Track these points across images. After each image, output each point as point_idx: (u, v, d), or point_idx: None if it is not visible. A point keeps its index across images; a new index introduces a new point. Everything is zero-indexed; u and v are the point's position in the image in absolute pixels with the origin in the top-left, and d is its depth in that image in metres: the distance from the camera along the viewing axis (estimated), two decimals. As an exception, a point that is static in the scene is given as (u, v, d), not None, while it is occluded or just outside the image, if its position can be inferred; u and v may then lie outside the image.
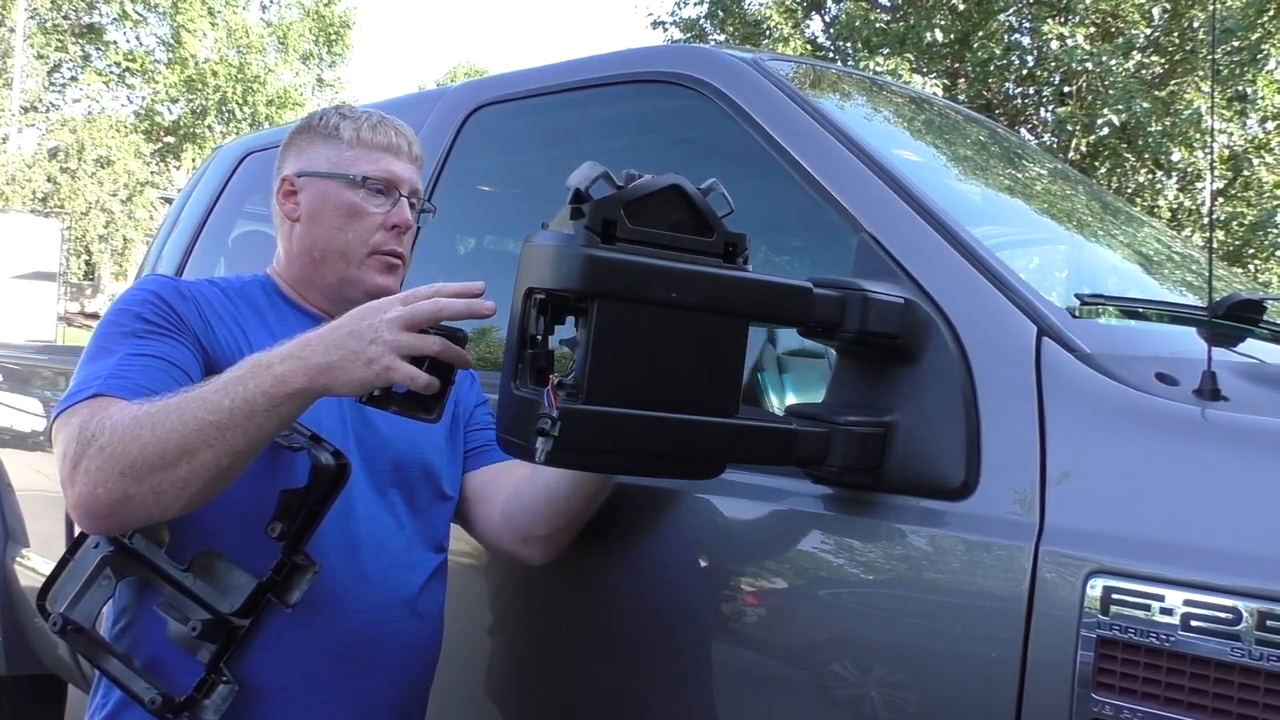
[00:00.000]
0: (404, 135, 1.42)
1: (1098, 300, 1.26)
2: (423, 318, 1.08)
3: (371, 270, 1.37)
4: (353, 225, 1.36)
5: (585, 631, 1.47)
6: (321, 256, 1.38)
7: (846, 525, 1.18)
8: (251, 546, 1.20)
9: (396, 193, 1.38)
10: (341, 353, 1.07)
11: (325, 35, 24.63)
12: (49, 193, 20.27)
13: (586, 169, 1.00)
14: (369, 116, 1.42)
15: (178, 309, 1.27)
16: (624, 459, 1.03)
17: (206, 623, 1.18)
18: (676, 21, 14.58)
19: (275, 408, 1.08)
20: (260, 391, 1.07)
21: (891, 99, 2.00)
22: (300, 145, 1.43)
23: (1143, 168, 11.50)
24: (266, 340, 1.28)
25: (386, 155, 1.39)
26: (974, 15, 12.01)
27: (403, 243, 1.39)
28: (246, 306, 1.36)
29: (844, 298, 1.12)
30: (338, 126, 1.40)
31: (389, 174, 1.38)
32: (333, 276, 1.38)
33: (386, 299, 1.12)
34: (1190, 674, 0.90)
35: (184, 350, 1.24)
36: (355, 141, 1.39)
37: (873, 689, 1.12)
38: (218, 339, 1.29)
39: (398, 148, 1.40)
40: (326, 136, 1.40)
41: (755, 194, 1.51)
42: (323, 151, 1.40)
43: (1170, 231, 2.41)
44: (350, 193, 1.37)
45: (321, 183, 1.38)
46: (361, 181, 1.36)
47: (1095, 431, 1.05)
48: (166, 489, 1.08)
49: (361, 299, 1.33)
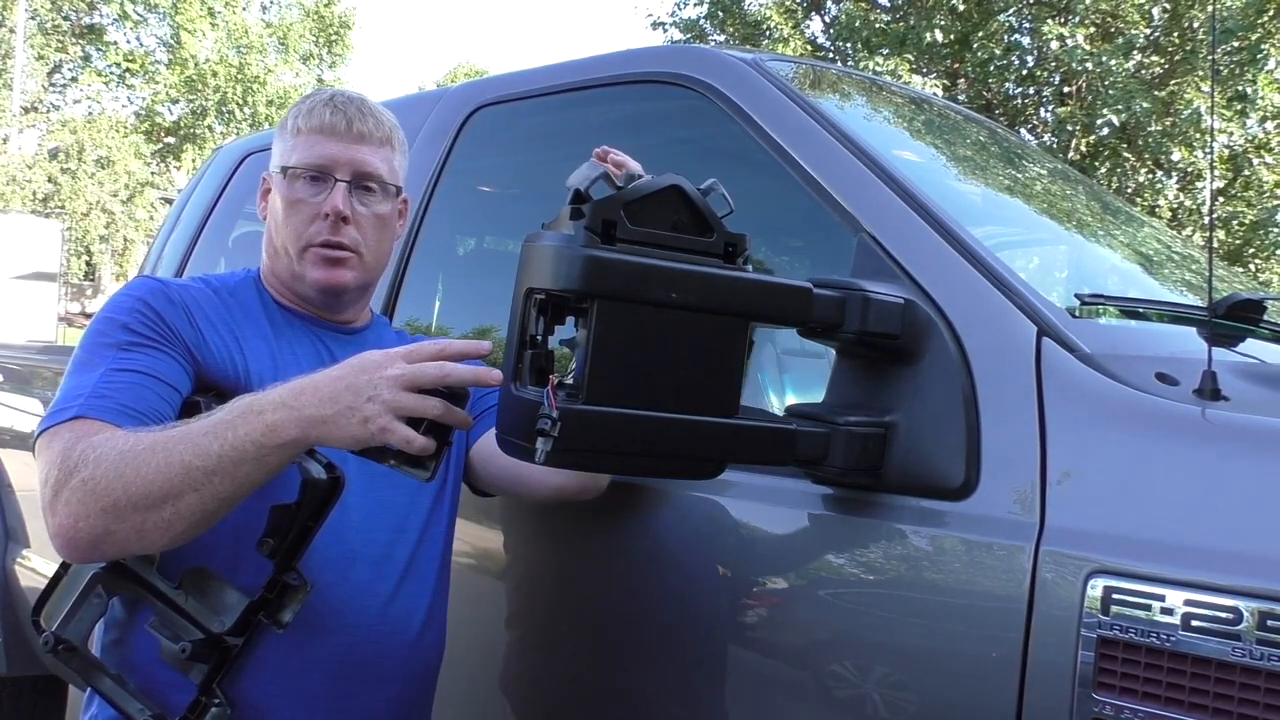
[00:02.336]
0: (343, 112, 1.32)
1: (1098, 300, 1.26)
2: (425, 382, 1.04)
3: (310, 265, 1.30)
4: (292, 219, 1.31)
5: (585, 631, 1.47)
6: (275, 252, 1.34)
7: (847, 525, 1.18)
8: (244, 562, 1.17)
9: (331, 178, 1.30)
10: (337, 407, 1.03)
11: (325, 36, 24.63)
12: (49, 193, 20.27)
13: (586, 169, 1.00)
14: (314, 99, 1.35)
15: (166, 317, 1.23)
16: (624, 459, 1.03)
17: (198, 643, 1.15)
18: (676, 22, 14.58)
19: (264, 457, 1.05)
20: (250, 440, 1.04)
21: (891, 99, 2.00)
22: (275, 143, 1.40)
23: (1143, 168, 11.50)
24: (261, 346, 1.28)
25: (319, 138, 1.30)
26: (974, 15, 12.01)
27: (343, 233, 1.30)
28: (239, 308, 1.32)
29: (844, 298, 1.12)
30: (287, 120, 1.36)
31: (321, 158, 1.30)
32: (286, 273, 1.33)
33: (390, 353, 1.06)
34: (1191, 674, 0.90)
35: (171, 362, 1.20)
36: (295, 130, 1.33)
37: (873, 689, 1.12)
38: (209, 346, 1.25)
39: (332, 128, 1.31)
40: (281, 130, 1.36)
41: (755, 194, 1.51)
42: (278, 146, 1.36)
43: (1170, 231, 2.41)
44: (286, 185, 1.31)
45: (274, 179, 1.35)
46: (284, 172, 1.31)
47: (1095, 431, 1.05)
48: (150, 529, 1.05)
49: (314, 296, 1.34)
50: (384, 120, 1.35)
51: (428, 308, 2.10)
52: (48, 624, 1.22)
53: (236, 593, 1.17)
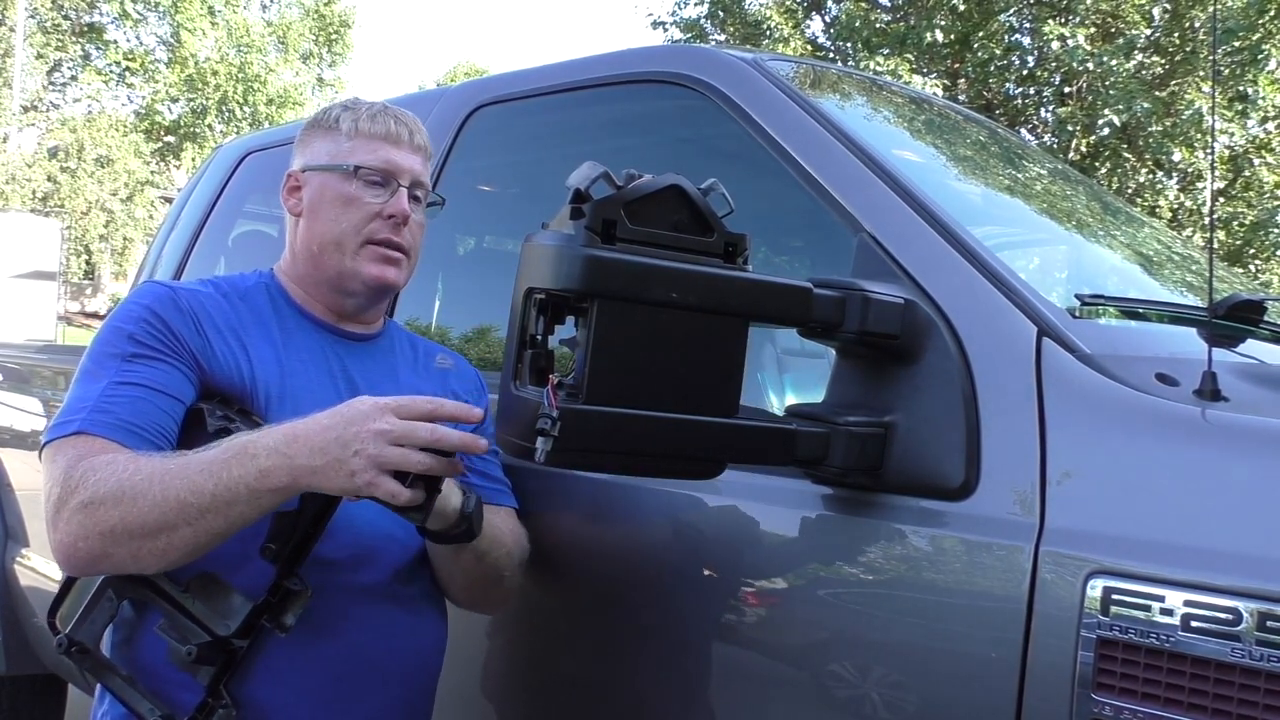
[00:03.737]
0: (405, 124, 1.39)
1: (1098, 300, 1.26)
2: (413, 443, 1.05)
3: (366, 261, 1.33)
4: (347, 215, 1.33)
5: (585, 631, 1.47)
6: (320, 249, 1.34)
7: (846, 525, 1.18)
8: (250, 565, 1.18)
9: (395, 183, 1.35)
10: (325, 459, 1.05)
11: (325, 35, 24.62)
12: (49, 192, 20.26)
13: (587, 169, 1.00)
14: (370, 106, 1.40)
15: (173, 326, 1.24)
16: (624, 459, 1.03)
17: (204, 645, 1.17)
18: (677, 21, 14.58)
19: (256, 499, 1.07)
20: (243, 484, 1.06)
21: (891, 99, 2.00)
22: (306, 140, 1.41)
23: (1143, 168, 11.49)
24: (268, 354, 1.29)
25: (384, 144, 1.35)
26: (974, 15, 12.01)
27: (403, 235, 1.35)
28: (249, 313, 1.33)
29: (844, 298, 1.12)
30: (338, 119, 1.38)
31: (386, 163, 1.35)
32: (331, 269, 1.34)
33: (380, 404, 1.06)
34: (1190, 674, 0.90)
35: (175, 373, 1.22)
36: (354, 132, 1.36)
37: (873, 689, 1.12)
38: (215, 355, 1.26)
39: (397, 136, 1.37)
40: (328, 129, 1.38)
41: (755, 194, 1.51)
42: (324, 145, 1.37)
43: (1170, 232, 2.41)
44: (345, 183, 1.33)
45: (321, 175, 1.36)
46: (355, 171, 1.33)
47: (1095, 432, 1.05)
48: (145, 555, 1.09)
49: (361, 291, 1.34)
50: (426, 135, 1.42)
51: (428, 307, 2.10)
52: (62, 625, 1.24)
53: (241, 597, 1.19)
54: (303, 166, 1.39)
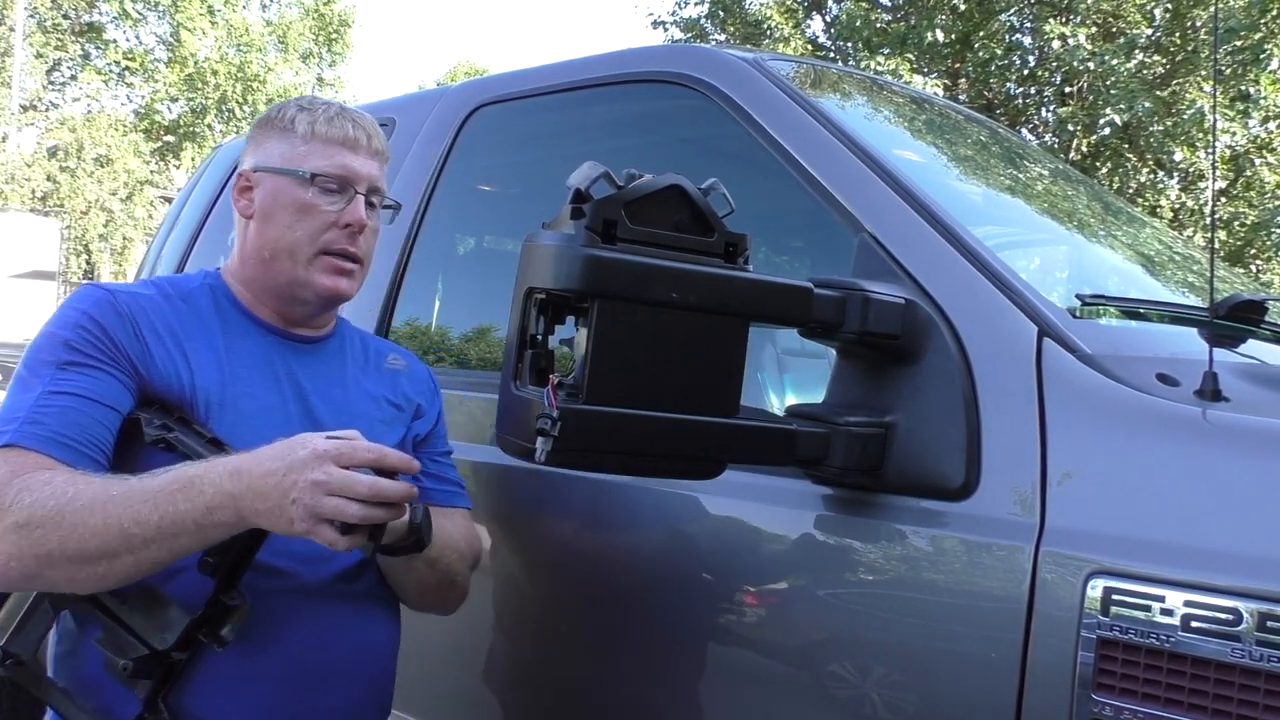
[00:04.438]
0: (363, 128, 1.34)
1: (1099, 301, 1.26)
2: (352, 495, 1.03)
3: (320, 271, 1.30)
4: (302, 223, 1.29)
5: (585, 632, 1.47)
6: (271, 255, 1.30)
7: (846, 526, 1.18)
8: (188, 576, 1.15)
9: (351, 190, 1.31)
10: (267, 504, 1.04)
11: (325, 34, 24.60)
12: (48, 192, 20.25)
13: (587, 169, 1.00)
14: (327, 108, 1.35)
15: (111, 332, 1.20)
16: (624, 459, 1.03)
17: (141, 659, 1.14)
18: (677, 21, 14.57)
19: (202, 532, 1.06)
20: (190, 518, 1.05)
21: (892, 99, 2.00)
22: (258, 139, 1.36)
23: (1144, 168, 11.48)
24: (209, 359, 1.25)
25: (342, 150, 1.31)
26: (975, 15, 11.99)
27: (358, 243, 1.32)
28: (191, 316, 1.28)
29: (844, 298, 1.12)
30: (293, 120, 1.33)
31: (343, 170, 1.31)
32: (283, 277, 1.31)
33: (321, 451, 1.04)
34: (1190, 675, 0.90)
35: (111, 382, 1.18)
36: (309, 135, 1.31)
37: (873, 689, 1.12)
38: (154, 362, 1.22)
39: (355, 141, 1.33)
40: (282, 130, 1.33)
41: (756, 194, 1.51)
42: (278, 146, 1.33)
43: (1171, 232, 2.41)
44: (301, 189, 1.29)
45: (274, 179, 1.31)
46: (311, 178, 1.29)
47: (1096, 432, 1.04)
48: (82, 579, 1.08)
49: (312, 301, 1.32)
50: (384, 138, 1.38)
51: (428, 307, 2.10)
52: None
53: (179, 610, 1.15)
54: (254, 166, 1.34)
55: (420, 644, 1.63)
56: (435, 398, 1.48)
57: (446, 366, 2.01)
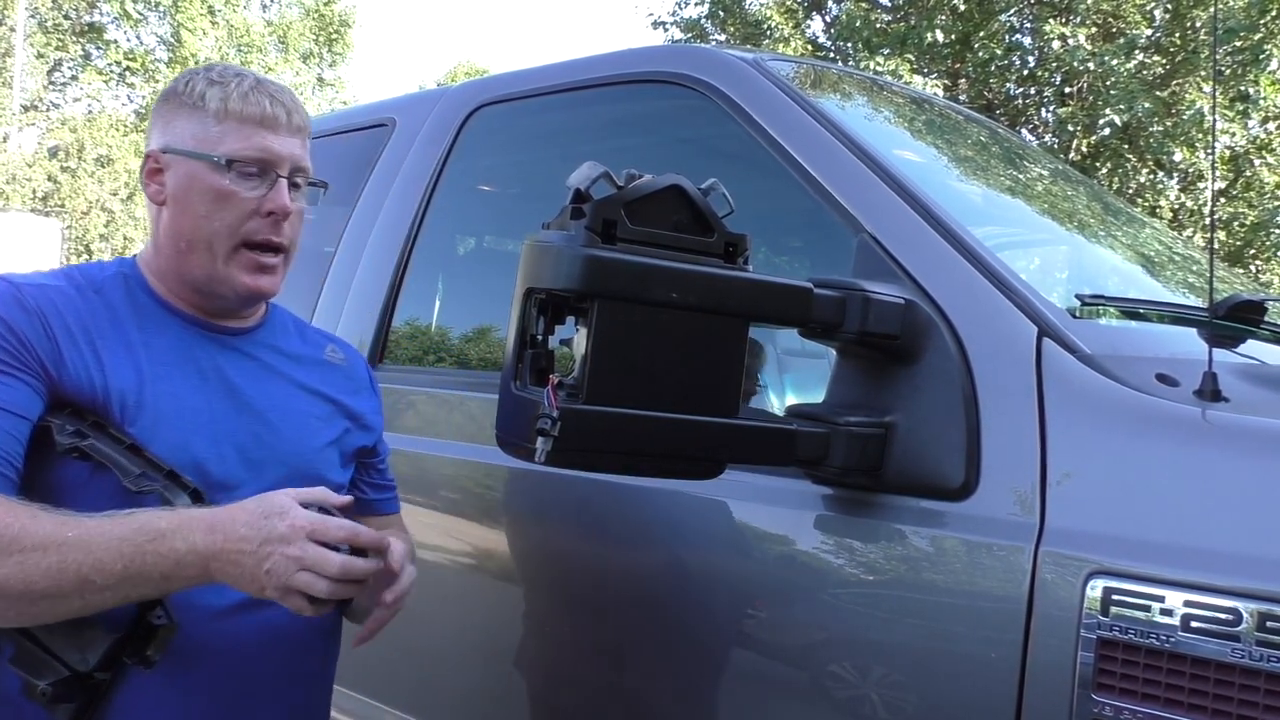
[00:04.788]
0: (281, 103, 1.22)
1: (1098, 301, 1.26)
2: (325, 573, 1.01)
3: (240, 269, 1.20)
4: (220, 212, 1.18)
5: (584, 632, 1.47)
6: (188, 247, 1.20)
7: (846, 526, 1.18)
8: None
9: (273, 173, 1.20)
10: (238, 569, 1.02)
11: (325, 34, 24.61)
12: (49, 192, 20.26)
13: (587, 169, 1.00)
14: (240, 81, 1.22)
15: (19, 331, 1.10)
16: (624, 459, 1.03)
17: (62, 682, 1.06)
18: (677, 21, 14.57)
19: (166, 583, 1.03)
20: (157, 570, 1.01)
21: (892, 99, 2.00)
22: (166, 116, 1.22)
23: (1144, 168, 11.48)
24: (123, 358, 1.16)
25: (260, 130, 1.19)
26: (975, 15, 11.99)
27: (282, 231, 1.21)
28: (105, 311, 1.18)
29: (844, 298, 1.12)
30: (204, 95, 1.20)
31: (263, 152, 1.19)
32: (199, 271, 1.20)
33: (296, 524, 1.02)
34: (1190, 675, 0.90)
35: (20, 387, 1.09)
36: (223, 114, 1.19)
37: (873, 689, 1.12)
38: (65, 365, 1.12)
39: (274, 119, 1.20)
40: (192, 107, 1.20)
41: (756, 194, 1.51)
42: (188, 125, 1.20)
43: (1171, 232, 2.41)
44: (217, 175, 1.18)
45: (187, 162, 1.19)
46: (228, 164, 1.18)
47: (1096, 432, 1.05)
48: (14, 618, 1.03)
49: (232, 298, 1.22)
50: (305, 111, 1.27)
51: (428, 307, 2.10)
52: None
53: (101, 628, 1.08)
54: (163, 147, 1.21)
55: (420, 645, 1.63)
56: (374, 397, 1.41)
57: (447, 366, 2.01)
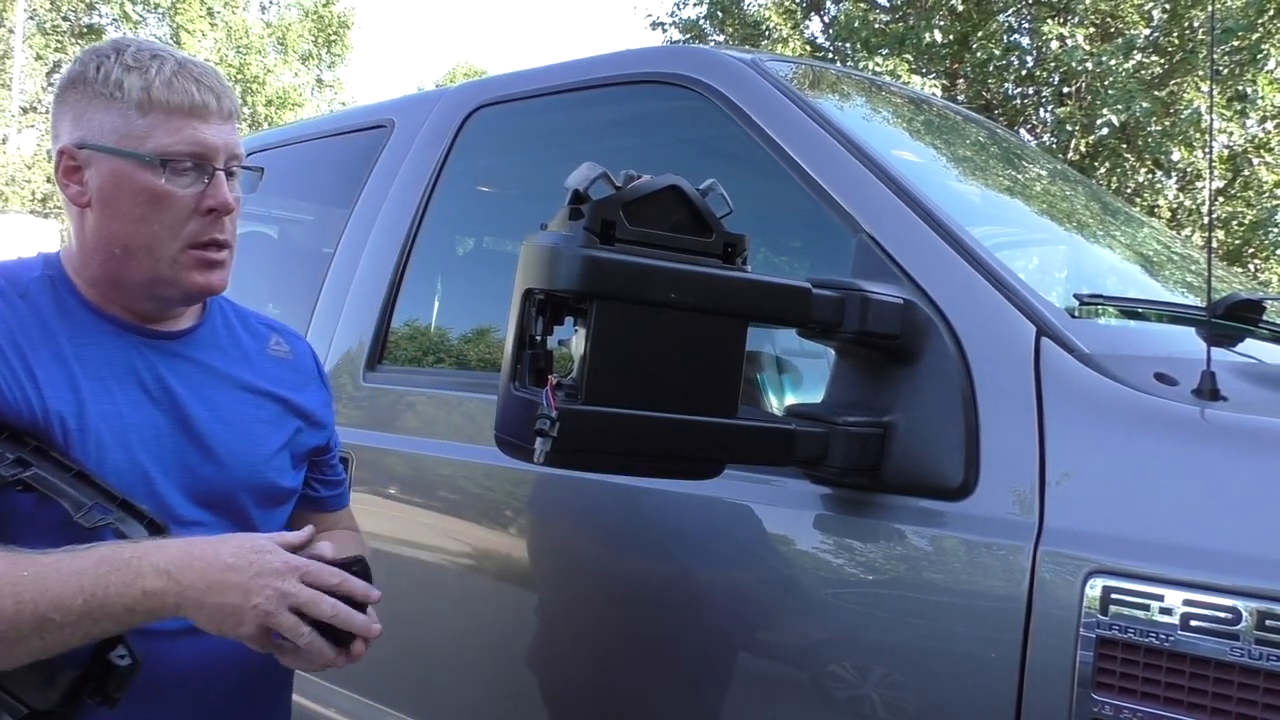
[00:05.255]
0: (209, 87, 1.11)
1: (1097, 300, 1.26)
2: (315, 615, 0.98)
3: (188, 269, 1.12)
4: (157, 215, 1.09)
5: (584, 632, 1.47)
6: (124, 253, 1.10)
7: (846, 525, 1.18)
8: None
9: (209, 166, 1.11)
10: (219, 600, 0.96)
11: (324, 36, 24.62)
12: (48, 193, 20.26)
13: (585, 170, 1.00)
14: (160, 64, 1.10)
15: None
16: (623, 459, 1.03)
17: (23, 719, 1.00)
18: (676, 22, 14.58)
19: (130, 617, 0.97)
20: (121, 603, 0.95)
21: (891, 99, 2.00)
22: (76, 106, 1.11)
23: (1142, 168, 11.49)
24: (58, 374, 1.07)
25: (190, 120, 1.09)
26: (973, 16, 12.00)
27: (225, 227, 1.13)
28: (32, 318, 1.09)
29: (843, 298, 1.12)
30: (121, 83, 1.09)
31: (197, 145, 1.09)
32: (140, 276, 1.11)
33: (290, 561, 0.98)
34: (1190, 674, 0.90)
35: None
36: (146, 104, 1.08)
37: (872, 689, 1.12)
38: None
39: (204, 108, 1.10)
40: (109, 97, 1.09)
41: (754, 195, 1.51)
42: (105, 117, 1.09)
43: (1170, 231, 2.41)
44: (149, 175, 1.08)
45: (111, 160, 1.09)
46: (162, 164, 1.08)
47: (1094, 432, 1.05)
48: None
49: (178, 299, 1.16)
50: (232, 90, 1.17)
51: (427, 308, 2.10)
52: None
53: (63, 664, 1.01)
54: (79, 142, 1.11)
55: (419, 645, 1.63)
56: (324, 389, 1.34)
57: (446, 367, 2.01)
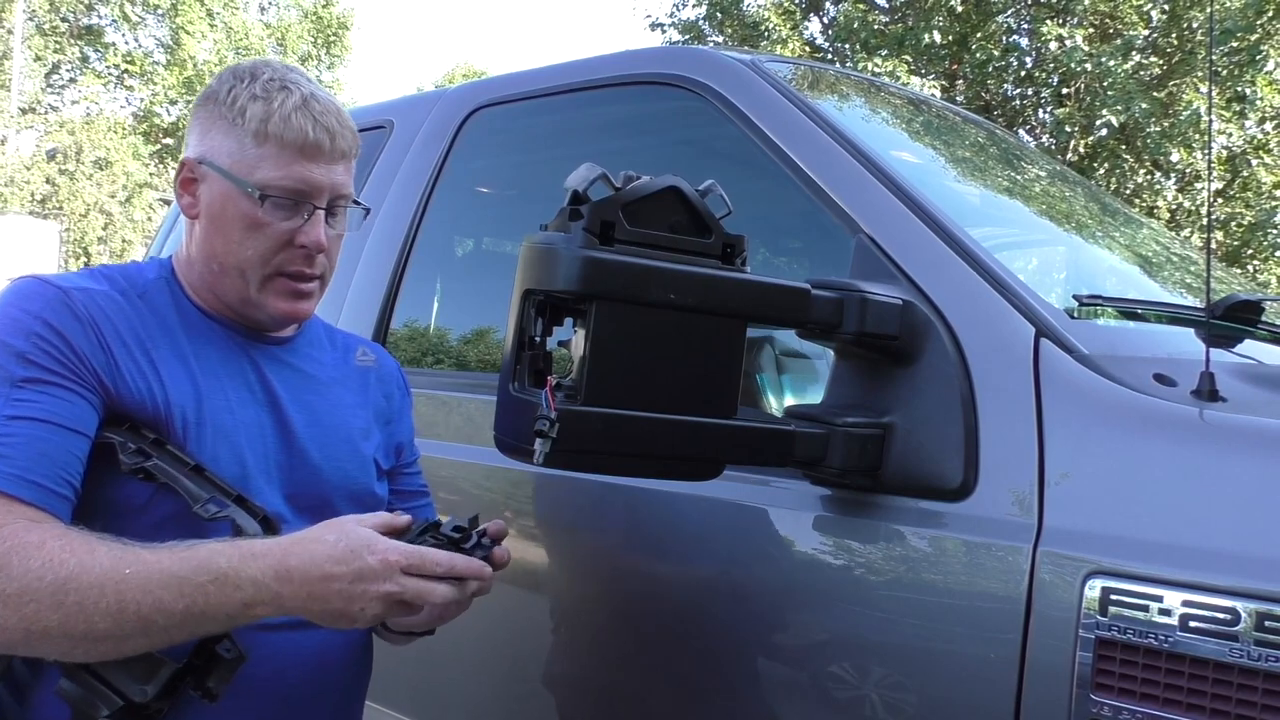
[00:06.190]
0: (325, 127, 1.14)
1: (1096, 301, 1.26)
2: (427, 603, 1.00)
3: (274, 296, 1.16)
4: (252, 240, 1.13)
5: (584, 632, 1.47)
6: (220, 269, 1.15)
7: (845, 526, 1.18)
8: None
9: (310, 205, 1.14)
10: (324, 607, 0.98)
11: (324, 37, 24.63)
12: (47, 195, 20.26)
13: (585, 171, 1.00)
14: (285, 98, 1.13)
15: (71, 339, 1.04)
16: (622, 460, 1.03)
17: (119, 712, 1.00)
18: (675, 23, 14.57)
19: (232, 622, 0.99)
20: (223, 612, 0.97)
21: (890, 100, 2.00)
22: (205, 122, 1.16)
23: (1141, 169, 11.50)
24: (180, 370, 1.11)
25: (299, 159, 1.13)
26: (972, 17, 12.01)
27: (316, 263, 1.17)
28: (152, 317, 1.13)
29: (842, 299, 1.12)
30: (244, 110, 1.13)
31: (301, 183, 1.13)
32: (233, 294, 1.16)
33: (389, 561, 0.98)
34: (1189, 674, 0.90)
35: (78, 401, 1.03)
36: (262, 135, 1.12)
37: (872, 689, 1.12)
38: (121, 373, 1.06)
39: (315, 147, 1.13)
40: (231, 122, 1.13)
41: (754, 195, 1.51)
42: (224, 140, 1.14)
43: (1168, 232, 2.41)
44: (250, 204, 1.12)
45: (221, 181, 1.13)
46: (261, 198, 1.12)
47: (1093, 432, 1.05)
48: (77, 653, 0.98)
49: (267, 322, 1.19)
50: (353, 128, 1.20)
51: (426, 309, 2.10)
52: None
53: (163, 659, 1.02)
54: (200, 157, 1.15)
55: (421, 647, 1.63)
56: (405, 397, 1.37)
57: (445, 368, 2.01)
